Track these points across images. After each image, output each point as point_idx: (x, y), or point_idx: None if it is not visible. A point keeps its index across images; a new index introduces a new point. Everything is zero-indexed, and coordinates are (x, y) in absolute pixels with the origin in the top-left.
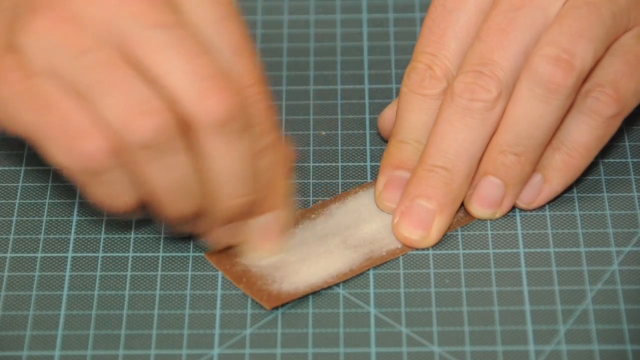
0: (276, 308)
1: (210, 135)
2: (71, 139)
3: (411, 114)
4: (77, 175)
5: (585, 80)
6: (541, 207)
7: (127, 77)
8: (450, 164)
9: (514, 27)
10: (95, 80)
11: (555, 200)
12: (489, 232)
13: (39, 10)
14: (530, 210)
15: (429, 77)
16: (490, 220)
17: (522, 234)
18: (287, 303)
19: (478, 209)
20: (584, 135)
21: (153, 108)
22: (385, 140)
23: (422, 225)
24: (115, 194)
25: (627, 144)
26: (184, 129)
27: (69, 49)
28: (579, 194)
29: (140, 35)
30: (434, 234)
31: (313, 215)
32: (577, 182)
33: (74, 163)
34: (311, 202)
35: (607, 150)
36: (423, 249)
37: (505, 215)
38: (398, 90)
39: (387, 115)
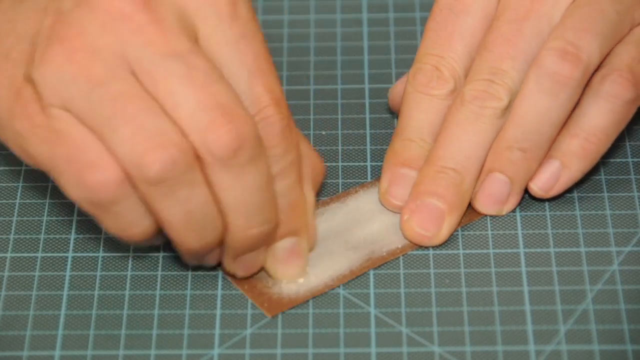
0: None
1: (219, 167)
2: (82, 171)
3: (418, 113)
4: (89, 208)
5: (596, 70)
6: (541, 207)
7: (139, 110)
8: (460, 166)
9: (521, 38)
10: (108, 114)
11: (555, 201)
12: (489, 232)
13: (54, 41)
14: (530, 210)
15: (437, 78)
16: (498, 215)
17: (522, 234)
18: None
19: (484, 207)
20: (603, 119)
21: (165, 142)
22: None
23: (434, 223)
24: (128, 224)
25: (627, 143)
26: (197, 161)
27: (83, 82)
28: (579, 194)
29: (152, 65)
30: (444, 233)
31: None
32: (578, 182)
33: (85, 195)
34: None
35: (608, 150)
36: (423, 249)
37: (506, 215)
38: None
39: (397, 90)
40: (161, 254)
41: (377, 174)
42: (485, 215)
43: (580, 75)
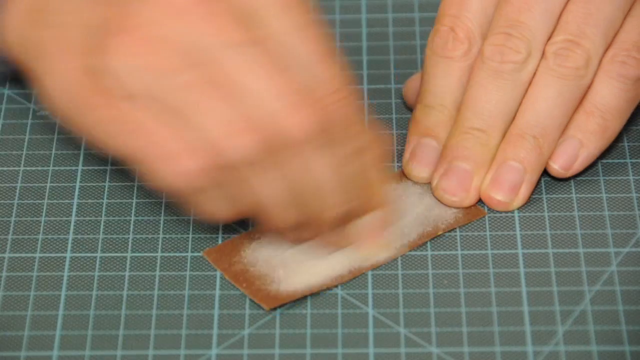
0: (274, 308)
1: (299, 151)
2: (168, 161)
3: (436, 78)
4: (176, 196)
5: (609, 45)
6: (539, 208)
7: (216, 98)
8: (485, 125)
9: None
10: (185, 102)
11: (553, 201)
12: (488, 232)
13: (122, 32)
14: (529, 211)
15: (452, 40)
16: (508, 211)
17: (520, 234)
18: (285, 304)
19: (497, 196)
20: (615, 99)
21: (248, 126)
22: (409, 112)
23: (462, 186)
24: (217, 208)
25: (625, 144)
26: (280, 145)
27: (156, 71)
28: (578, 195)
29: (221, 54)
30: (473, 194)
31: None
32: (576, 182)
33: (173, 183)
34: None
35: (606, 150)
36: (421, 250)
37: (504, 216)
38: (397, 90)
39: (410, 85)
40: (159, 254)
41: None
42: (485, 215)
43: (587, 65)
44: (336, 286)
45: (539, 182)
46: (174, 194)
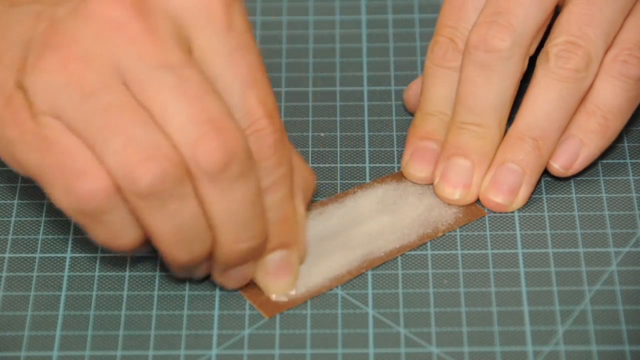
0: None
1: (208, 182)
2: (71, 180)
3: (435, 87)
4: (77, 217)
5: (610, 45)
6: (539, 208)
7: (131, 122)
8: (479, 119)
9: None
10: (99, 125)
11: (553, 201)
12: (488, 232)
13: (47, 48)
14: (529, 211)
15: (452, 50)
16: (508, 212)
17: (520, 234)
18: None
19: (495, 198)
20: (617, 98)
21: (156, 154)
22: (409, 113)
23: (462, 183)
24: (117, 234)
25: (625, 144)
26: (187, 174)
27: (75, 91)
28: (578, 195)
29: (144, 75)
30: (474, 190)
31: (311, 217)
32: (576, 182)
33: (73, 204)
34: (309, 203)
35: (606, 150)
36: (421, 250)
37: (504, 216)
38: (397, 92)
39: (412, 91)
40: (159, 254)
41: (375, 175)
42: (485, 215)
43: (588, 67)
44: (336, 287)
45: (539, 182)
46: (76, 215)
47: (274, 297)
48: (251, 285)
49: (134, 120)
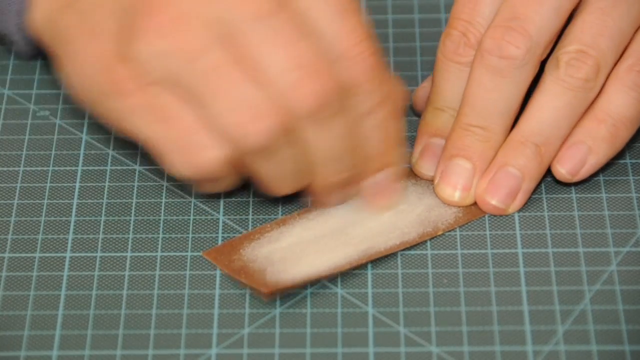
0: (274, 304)
1: (306, 124)
2: (190, 153)
3: (446, 82)
4: (192, 180)
5: (621, 56)
6: (539, 208)
7: (236, 81)
8: (485, 123)
9: None
10: (207, 88)
11: (553, 201)
12: (487, 232)
13: (145, 15)
14: (529, 211)
15: (464, 45)
16: (503, 214)
17: (520, 234)
18: (284, 300)
19: (492, 200)
20: (629, 108)
21: (265, 111)
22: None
23: (462, 184)
24: (224, 186)
25: (625, 145)
26: (291, 123)
27: (176, 57)
28: (578, 195)
29: (242, 29)
30: (474, 192)
31: (311, 215)
32: (576, 182)
33: (192, 172)
34: (310, 202)
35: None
36: (421, 249)
37: (504, 216)
38: None
39: (420, 93)
40: (159, 254)
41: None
42: (485, 215)
43: (597, 77)
44: (336, 276)
45: (539, 182)
46: (191, 180)
47: (381, 210)
48: (251, 273)
49: (239, 79)
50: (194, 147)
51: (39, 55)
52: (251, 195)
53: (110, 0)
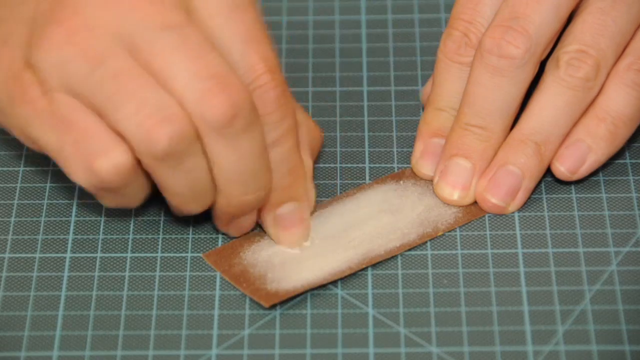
0: (274, 306)
1: (214, 136)
2: (90, 158)
3: (447, 82)
4: (94, 191)
5: (621, 54)
6: (539, 208)
7: (141, 86)
8: (484, 122)
9: None
10: (110, 93)
11: (553, 201)
12: (487, 232)
13: (51, 23)
14: (529, 211)
15: (465, 45)
16: (503, 213)
17: (520, 234)
18: (285, 301)
19: (492, 198)
20: (629, 106)
21: (169, 116)
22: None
23: (461, 184)
24: (129, 200)
25: (625, 145)
26: (197, 131)
27: (83, 62)
28: (578, 195)
29: (149, 38)
30: (473, 191)
31: (311, 218)
32: (576, 182)
33: (93, 181)
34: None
35: None
36: (421, 249)
37: (504, 215)
38: (397, 92)
39: (427, 91)
40: (159, 255)
41: (375, 176)
42: (485, 215)
43: (597, 77)
44: (335, 281)
45: (539, 182)
46: (93, 189)
47: (287, 250)
48: (252, 281)
49: (143, 84)
50: (92, 153)
51: None
52: None
53: (24, 9)
